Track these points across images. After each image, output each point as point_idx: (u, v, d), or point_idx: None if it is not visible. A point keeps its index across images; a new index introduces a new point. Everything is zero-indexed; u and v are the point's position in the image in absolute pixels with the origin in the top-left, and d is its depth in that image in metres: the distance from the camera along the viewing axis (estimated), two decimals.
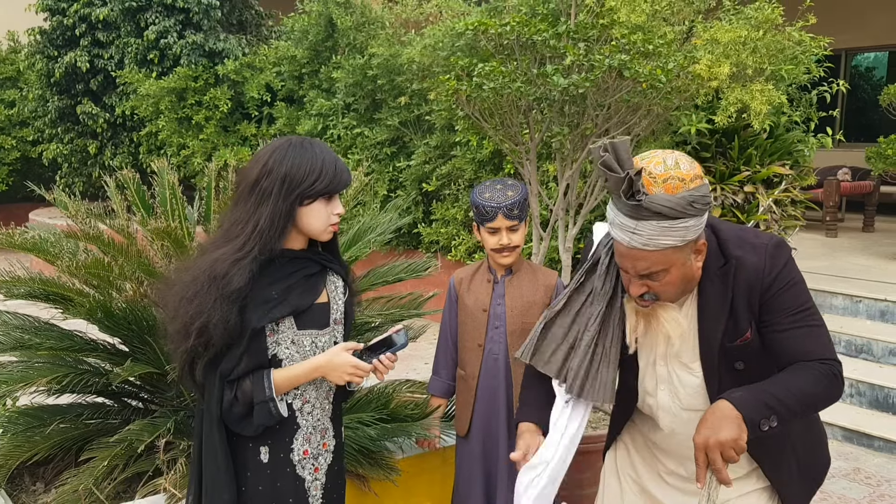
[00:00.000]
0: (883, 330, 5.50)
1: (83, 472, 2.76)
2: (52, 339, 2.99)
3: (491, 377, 2.64)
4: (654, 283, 1.84)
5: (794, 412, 1.75)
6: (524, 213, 2.55)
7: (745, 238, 1.92)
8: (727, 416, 1.67)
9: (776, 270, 1.85)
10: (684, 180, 1.76)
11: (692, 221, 1.77)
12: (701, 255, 1.87)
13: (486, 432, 2.68)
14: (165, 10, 10.42)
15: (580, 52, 3.45)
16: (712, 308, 1.90)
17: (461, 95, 3.57)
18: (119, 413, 3.14)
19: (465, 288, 2.69)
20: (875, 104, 8.19)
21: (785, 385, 1.76)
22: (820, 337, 1.86)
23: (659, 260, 1.80)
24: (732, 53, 4.50)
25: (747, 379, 1.89)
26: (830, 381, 1.80)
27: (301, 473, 2.05)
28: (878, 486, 4.23)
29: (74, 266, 2.82)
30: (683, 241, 1.79)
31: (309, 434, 2.06)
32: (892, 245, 7.65)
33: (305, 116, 8.81)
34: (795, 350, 1.84)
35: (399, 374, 4.83)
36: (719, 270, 1.89)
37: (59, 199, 3.31)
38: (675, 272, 1.83)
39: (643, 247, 1.78)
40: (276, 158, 1.92)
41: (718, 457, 1.63)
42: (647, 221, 1.76)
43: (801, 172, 5.89)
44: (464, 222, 7.24)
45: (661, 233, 1.76)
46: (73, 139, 11.55)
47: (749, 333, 1.89)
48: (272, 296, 1.94)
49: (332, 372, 1.99)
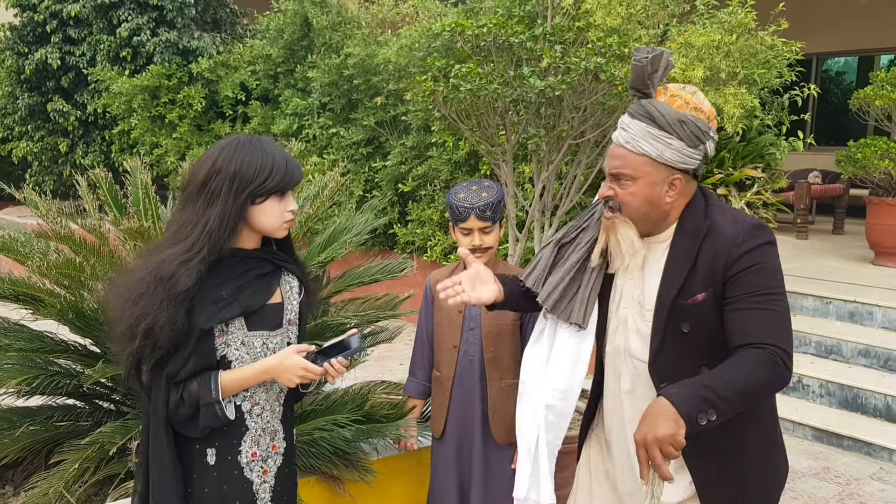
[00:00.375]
0: (852, 331, 5.59)
1: (53, 474, 2.72)
2: (22, 340, 2.94)
3: (466, 378, 2.64)
4: (620, 190, 1.95)
5: (732, 404, 1.74)
6: (498, 214, 2.54)
7: (731, 211, 1.99)
8: (664, 413, 1.69)
9: (747, 247, 1.88)
10: (689, 104, 1.91)
11: (676, 142, 1.89)
12: (674, 191, 1.94)
13: (461, 433, 2.67)
14: (138, 7, 10.33)
15: (556, 55, 3.47)
16: (677, 261, 1.96)
17: (438, 96, 3.57)
18: (90, 415, 3.10)
19: None
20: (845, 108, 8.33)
21: (724, 377, 1.76)
22: (775, 323, 1.84)
23: (633, 164, 1.92)
24: (706, 57, 4.55)
25: (690, 345, 1.93)
26: (772, 369, 1.79)
27: (249, 476, 2.01)
28: (847, 485, 4.29)
29: (45, 266, 2.78)
30: (660, 158, 1.90)
31: (258, 436, 2.02)
32: (861, 247, 7.77)
33: (281, 116, 8.76)
34: (746, 330, 1.84)
35: (375, 374, 4.82)
36: (694, 228, 1.96)
37: (30, 198, 3.25)
38: (642, 187, 1.93)
39: (625, 143, 1.93)
40: (225, 157, 1.89)
41: (658, 453, 1.65)
42: (638, 122, 1.91)
43: (773, 175, 5.97)
44: (439, 223, 7.24)
45: (644, 137, 1.90)
46: (43, 137, 11.40)
47: (702, 297, 1.92)
48: (222, 296, 1.91)
49: (282, 374, 1.95)
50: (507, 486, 2.58)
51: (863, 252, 7.60)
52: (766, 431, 2.05)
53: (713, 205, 1.99)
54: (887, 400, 4.95)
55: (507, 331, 2.62)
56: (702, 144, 1.93)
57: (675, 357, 1.97)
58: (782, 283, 1.91)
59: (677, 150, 1.90)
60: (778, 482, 2.10)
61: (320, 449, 2.86)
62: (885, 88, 7.35)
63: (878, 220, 7.05)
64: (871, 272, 6.78)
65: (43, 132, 11.37)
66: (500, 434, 2.62)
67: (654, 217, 1.98)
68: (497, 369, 2.62)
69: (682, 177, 1.94)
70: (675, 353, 1.96)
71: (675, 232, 1.99)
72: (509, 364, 2.61)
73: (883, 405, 4.96)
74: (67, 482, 2.68)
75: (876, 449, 4.68)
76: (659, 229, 2.00)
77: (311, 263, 3.23)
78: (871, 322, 5.62)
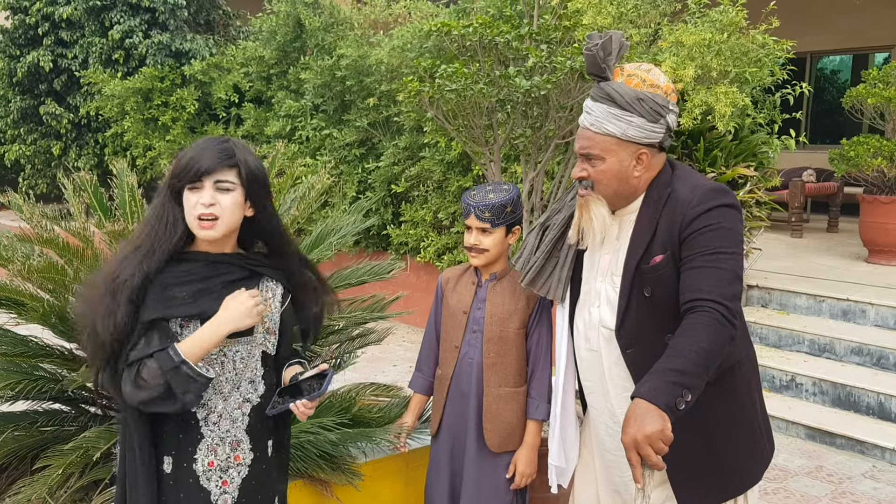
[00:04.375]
0: (845, 329, 5.58)
1: (37, 480, 2.69)
2: (5, 344, 2.91)
3: (464, 381, 2.60)
4: (592, 170, 2.04)
5: (697, 376, 1.77)
6: (500, 219, 2.49)
7: (693, 178, 2.06)
8: (646, 411, 1.70)
9: (702, 208, 1.95)
10: (645, 81, 2.00)
11: (637, 119, 1.98)
12: (641, 166, 2.03)
13: (454, 435, 2.65)
14: (131, 9, 10.30)
15: (542, 54, 3.45)
16: (641, 229, 2.05)
17: (424, 97, 3.56)
18: (75, 420, 3.08)
19: (451, 288, 2.67)
20: (839, 106, 8.31)
21: (682, 354, 1.78)
22: (719, 279, 1.88)
23: (599, 144, 2.02)
24: (697, 56, 4.55)
25: (653, 309, 2.00)
26: (717, 327, 1.82)
27: (206, 485, 1.95)
28: (839, 484, 4.28)
29: (28, 270, 2.76)
30: (625, 136, 1.99)
31: (215, 445, 1.96)
32: (855, 245, 7.77)
33: (274, 117, 8.75)
34: (691, 287, 1.90)
35: (366, 376, 4.79)
36: (658, 196, 2.03)
37: (14, 202, 3.23)
38: (611, 165, 2.02)
39: (590, 126, 2.02)
40: (177, 157, 1.91)
41: (650, 451, 1.66)
42: (600, 104, 2.01)
43: (766, 174, 5.96)
44: (433, 224, 7.22)
45: (607, 118, 1.99)
46: (36, 140, 11.37)
47: (660, 259, 1.99)
48: (179, 295, 1.86)
49: (237, 317, 1.86)
50: (498, 493, 2.57)
51: (856, 250, 7.60)
52: (733, 400, 2.09)
53: (678, 174, 2.07)
54: (880, 398, 4.93)
55: (511, 338, 2.55)
56: (662, 118, 2.00)
57: (640, 320, 2.04)
58: (737, 243, 1.96)
59: (639, 126, 1.99)
60: (758, 455, 2.13)
61: (306, 452, 2.83)
62: (878, 87, 7.34)
63: (872, 218, 7.05)
64: (864, 270, 6.77)
65: (35, 135, 11.35)
66: (494, 441, 2.57)
67: (624, 192, 2.06)
68: (496, 375, 2.56)
69: (647, 151, 2.03)
70: (640, 316, 2.04)
71: (642, 203, 2.07)
72: (512, 372, 2.56)
73: (876, 403, 4.95)
74: (51, 488, 2.65)
75: (869, 447, 4.67)
76: (629, 202, 2.09)
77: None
78: (865, 320, 5.61)
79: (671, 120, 2.03)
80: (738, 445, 2.10)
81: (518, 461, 2.56)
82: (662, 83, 2.02)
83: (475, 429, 2.59)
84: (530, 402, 2.56)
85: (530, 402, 2.56)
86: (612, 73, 2.02)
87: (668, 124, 2.02)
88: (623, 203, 2.09)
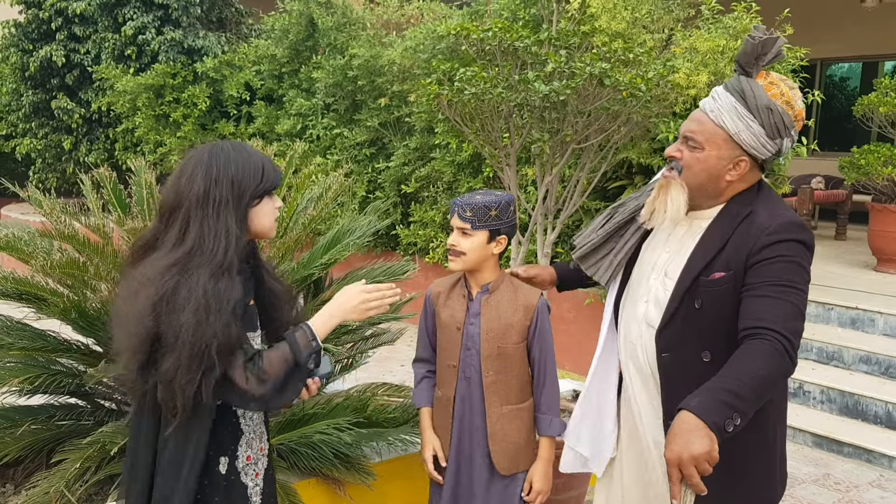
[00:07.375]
0: (853, 337, 5.58)
1: (54, 474, 2.72)
2: (25, 339, 2.95)
3: (465, 401, 2.43)
4: (687, 154, 2.00)
5: (750, 402, 1.72)
6: (482, 221, 2.33)
7: (776, 205, 2.00)
8: (695, 429, 1.64)
9: (777, 238, 1.89)
10: (783, 95, 1.95)
11: (756, 127, 1.93)
12: (736, 173, 1.98)
13: (459, 460, 2.46)
14: (144, 5, 10.34)
15: (561, 60, 3.47)
16: (710, 240, 2.00)
17: (443, 100, 3.58)
18: (92, 414, 3.11)
19: (442, 302, 2.49)
20: (849, 114, 8.31)
21: (737, 376, 1.74)
22: (785, 310, 1.83)
23: (708, 132, 1.97)
24: (711, 62, 4.56)
25: (698, 321, 1.97)
26: (777, 358, 1.78)
27: (244, 481, 1.99)
28: (847, 492, 4.29)
29: (49, 265, 2.79)
30: (736, 137, 1.95)
31: (251, 439, 2.01)
32: (863, 253, 7.76)
33: (285, 116, 8.77)
34: (756, 314, 1.84)
35: (376, 376, 4.82)
36: (736, 212, 1.99)
37: (34, 197, 3.26)
38: (708, 157, 1.97)
39: (709, 111, 1.98)
40: (218, 166, 1.86)
41: (694, 472, 1.61)
42: (730, 96, 1.96)
43: (776, 181, 5.96)
44: (442, 225, 7.24)
45: (729, 111, 1.95)
46: (47, 134, 11.41)
47: (721, 275, 1.95)
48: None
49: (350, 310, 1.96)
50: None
51: (865, 258, 7.59)
52: (758, 434, 2.01)
53: (763, 197, 2.02)
54: (888, 407, 4.94)
55: (510, 353, 2.38)
56: (780, 139, 1.96)
57: (683, 329, 2.00)
58: (804, 281, 1.90)
59: (755, 134, 1.95)
60: (767, 497, 2.06)
61: (321, 451, 2.86)
62: (889, 95, 7.34)
63: (881, 226, 7.04)
64: (873, 279, 6.77)
65: (47, 129, 11.38)
66: (503, 464, 2.40)
67: (709, 190, 2.02)
68: (498, 394, 2.39)
69: (748, 161, 1.98)
70: (683, 325, 1.99)
71: (719, 213, 2.02)
72: (514, 389, 2.40)
73: (884, 412, 4.96)
74: (68, 481, 2.68)
75: (876, 456, 4.68)
76: (707, 205, 2.04)
77: (313, 265, 3.23)
78: (873, 329, 5.62)
79: (786, 144, 1.98)
80: (751, 479, 2.03)
81: (534, 478, 2.41)
82: (798, 106, 1.98)
83: (481, 451, 2.43)
84: (541, 419, 2.41)
85: (541, 419, 2.41)
86: (757, 73, 1.98)
87: (781, 146, 1.97)
88: (701, 202, 2.03)
